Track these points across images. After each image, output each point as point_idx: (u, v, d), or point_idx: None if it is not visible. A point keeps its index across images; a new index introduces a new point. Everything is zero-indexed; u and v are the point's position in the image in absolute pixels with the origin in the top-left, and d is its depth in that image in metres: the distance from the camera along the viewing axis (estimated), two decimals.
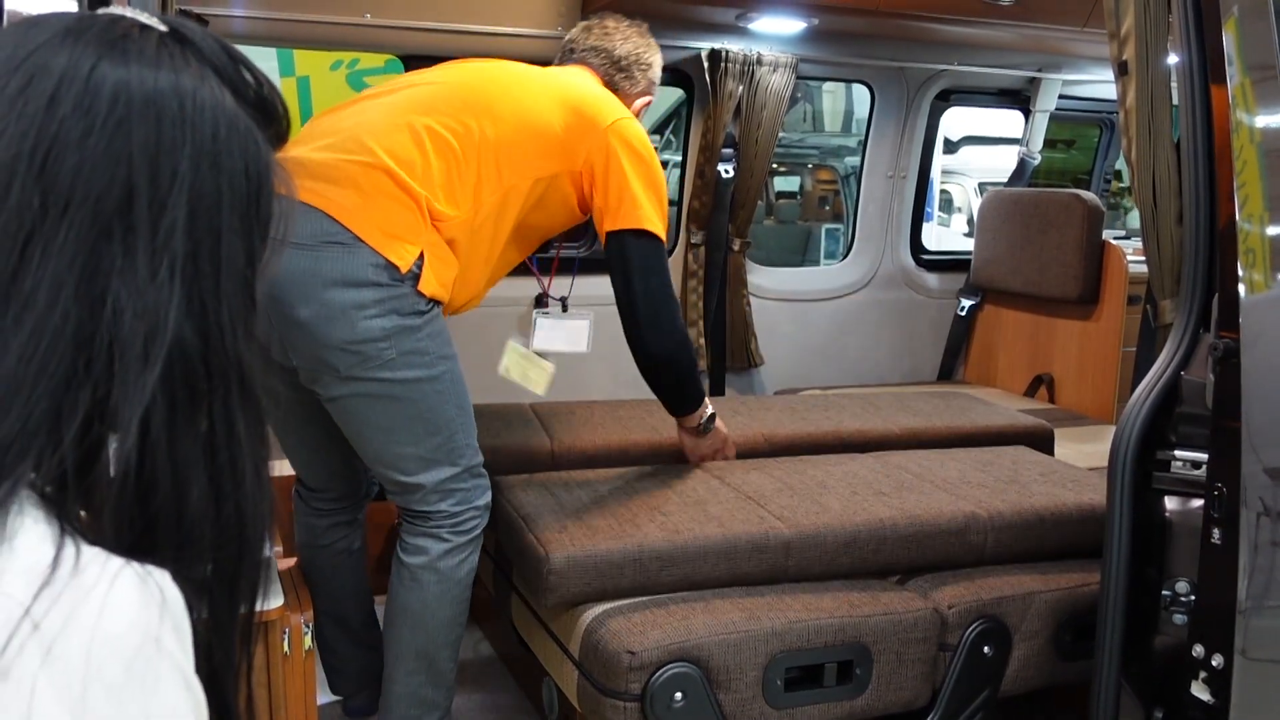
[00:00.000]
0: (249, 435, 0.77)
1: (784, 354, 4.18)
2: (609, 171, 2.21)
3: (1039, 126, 4.28)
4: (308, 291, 2.01)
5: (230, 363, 0.74)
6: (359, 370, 2.06)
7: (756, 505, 2.34)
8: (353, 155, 2.08)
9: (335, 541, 2.51)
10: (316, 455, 2.43)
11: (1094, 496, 2.46)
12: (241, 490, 0.76)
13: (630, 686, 1.96)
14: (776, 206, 13.07)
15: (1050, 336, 4.04)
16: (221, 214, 0.74)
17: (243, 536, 0.77)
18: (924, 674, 2.20)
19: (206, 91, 0.74)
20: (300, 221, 2.00)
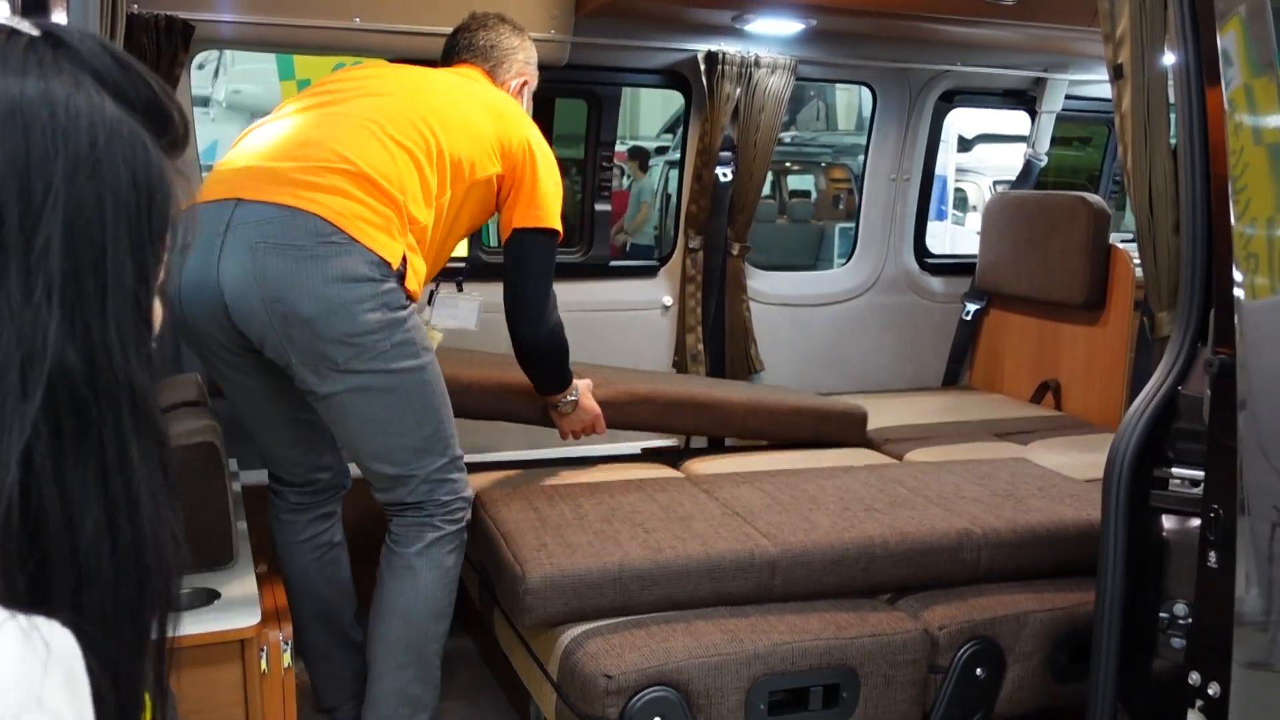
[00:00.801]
0: (144, 460, 0.72)
1: (785, 360, 4.11)
2: (524, 174, 2.40)
3: (1045, 128, 4.19)
4: (310, 288, 2.10)
5: (120, 385, 0.70)
6: (356, 363, 2.15)
7: (743, 521, 2.29)
8: (334, 164, 2.18)
9: (317, 535, 2.52)
10: (294, 449, 2.46)
11: (1094, 512, 2.38)
12: (138, 518, 0.71)
13: (608, 711, 1.91)
14: (790, 206, 13.02)
15: (1056, 342, 3.95)
16: (104, 228, 0.69)
17: (142, 566, 0.72)
18: (913, 697, 2.14)
19: (82, 98, 0.70)
20: (294, 225, 2.12)
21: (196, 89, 11.12)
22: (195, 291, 2.20)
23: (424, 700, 2.33)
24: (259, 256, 2.12)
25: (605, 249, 3.84)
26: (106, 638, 0.70)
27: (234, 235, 2.15)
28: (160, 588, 0.74)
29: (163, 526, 0.73)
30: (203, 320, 2.22)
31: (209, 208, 2.21)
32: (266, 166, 2.22)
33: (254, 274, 2.13)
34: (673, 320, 3.93)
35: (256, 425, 2.45)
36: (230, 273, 2.15)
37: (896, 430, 3.51)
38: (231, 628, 2.12)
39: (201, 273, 2.18)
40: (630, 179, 11.02)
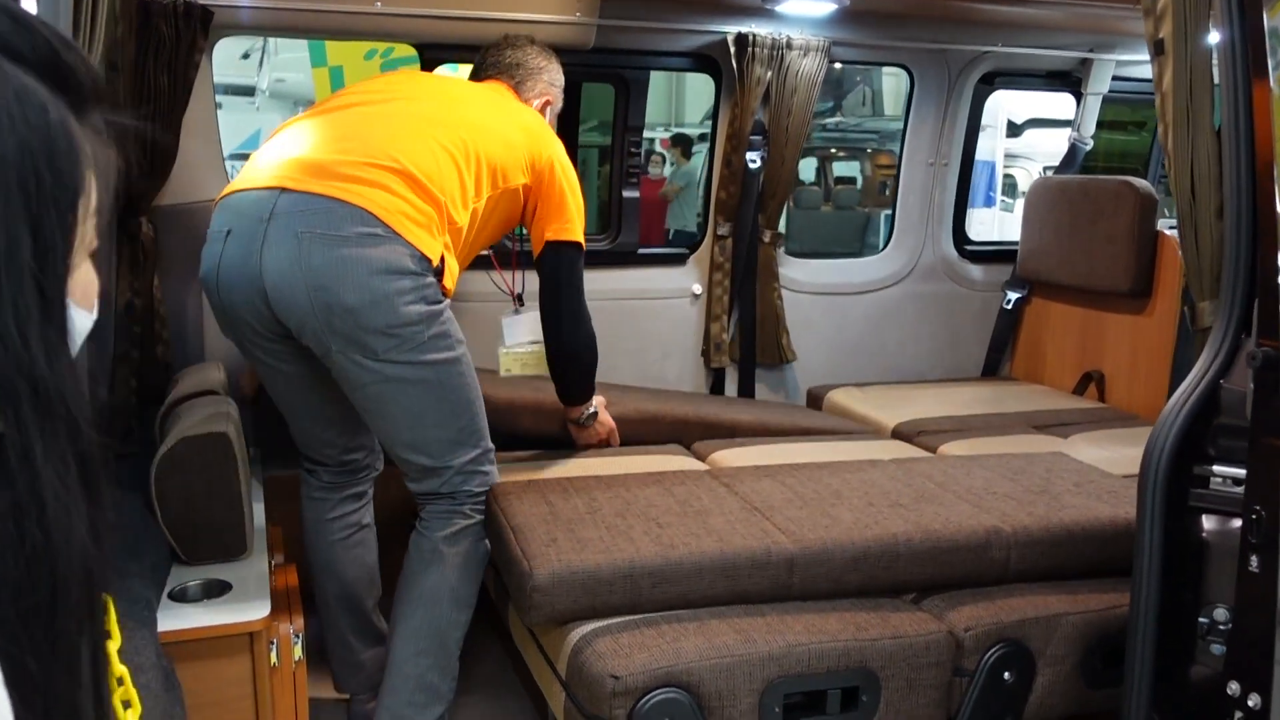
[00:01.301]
0: (49, 456, 0.66)
1: (818, 350, 4.01)
2: (551, 187, 2.49)
3: (1091, 110, 4.04)
4: (355, 279, 2.14)
5: (18, 374, 0.64)
6: (395, 354, 2.19)
7: (762, 517, 2.21)
8: (380, 161, 2.23)
9: (346, 514, 2.58)
10: (328, 432, 2.51)
11: (1131, 510, 2.26)
12: (45, 521, 0.66)
13: (615, 713, 1.85)
14: (835, 193, 12.85)
15: (1101, 332, 3.82)
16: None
17: (54, 572, 0.67)
18: (937, 701, 2.06)
19: None
20: (340, 216, 2.16)
21: (242, 78, 11.21)
22: (235, 278, 2.24)
23: (441, 690, 2.34)
24: (304, 245, 2.16)
25: (634, 236, 3.77)
26: (20, 652, 0.65)
27: (278, 224, 2.19)
28: (79, 598, 0.69)
29: (75, 530, 0.67)
30: (241, 307, 2.27)
31: (250, 196, 2.26)
32: (311, 159, 2.27)
33: (299, 262, 2.16)
34: (702, 309, 3.85)
35: (291, 409, 2.51)
36: (273, 261, 2.18)
37: (931, 422, 3.41)
38: (241, 620, 2.09)
39: (243, 260, 2.22)
40: (673, 166, 10.95)
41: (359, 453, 2.57)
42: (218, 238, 2.28)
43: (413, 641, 2.32)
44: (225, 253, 2.25)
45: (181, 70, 2.92)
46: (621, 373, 3.76)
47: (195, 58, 2.94)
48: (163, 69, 2.88)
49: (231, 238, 2.25)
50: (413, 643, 2.32)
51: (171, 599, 2.14)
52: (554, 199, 2.50)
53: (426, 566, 2.34)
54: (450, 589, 2.34)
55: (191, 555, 2.26)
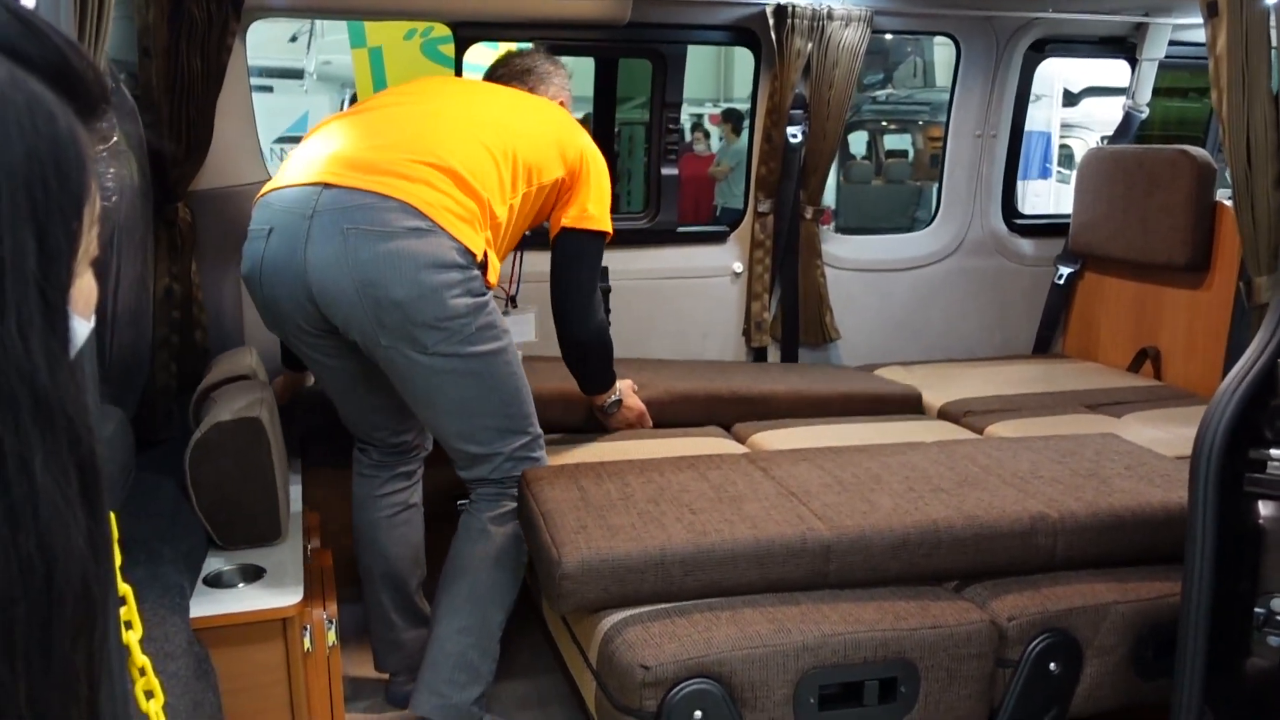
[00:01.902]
0: (49, 466, 0.64)
1: (863, 328, 3.93)
2: (581, 178, 2.51)
3: (1146, 77, 3.89)
4: (402, 273, 2.16)
5: (19, 383, 0.62)
6: (443, 346, 2.21)
7: (798, 503, 2.16)
8: (423, 158, 2.25)
9: (395, 492, 2.62)
10: (375, 417, 2.55)
11: (1184, 494, 2.18)
12: (42, 530, 0.64)
13: (645, 703, 1.82)
14: (886, 166, 12.65)
15: (1157, 306, 3.69)
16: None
17: (50, 585, 0.65)
18: (979, 692, 2.00)
19: None
20: (386, 211, 2.17)
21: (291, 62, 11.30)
22: (279, 276, 2.26)
23: (481, 671, 2.35)
24: (350, 241, 2.17)
25: (673, 214, 3.71)
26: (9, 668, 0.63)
27: (322, 220, 2.20)
28: (76, 613, 0.67)
29: (74, 541, 0.65)
30: (286, 304, 2.28)
31: (291, 193, 2.27)
32: (353, 155, 2.28)
33: (345, 258, 2.17)
34: (743, 287, 3.79)
35: (339, 398, 2.55)
36: (318, 257, 2.20)
37: (979, 402, 3.32)
38: (273, 606, 2.09)
39: (287, 257, 2.24)
40: (722, 142, 10.84)
41: (408, 434, 2.60)
42: (259, 235, 2.29)
43: (455, 618, 2.35)
44: (268, 250, 2.26)
45: (214, 54, 2.91)
46: (661, 353, 3.72)
47: (228, 41, 2.93)
48: (195, 53, 2.87)
49: (274, 235, 2.26)
50: (455, 619, 2.35)
51: (206, 584, 2.14)
52: (581, 188, 2.52)
53: (473, 545, 2.38)
54: (494, 569, 2.37)
55: (226, 540, 2.27)
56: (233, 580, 2.17)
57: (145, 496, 2.32)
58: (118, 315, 2.32)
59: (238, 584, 2.15)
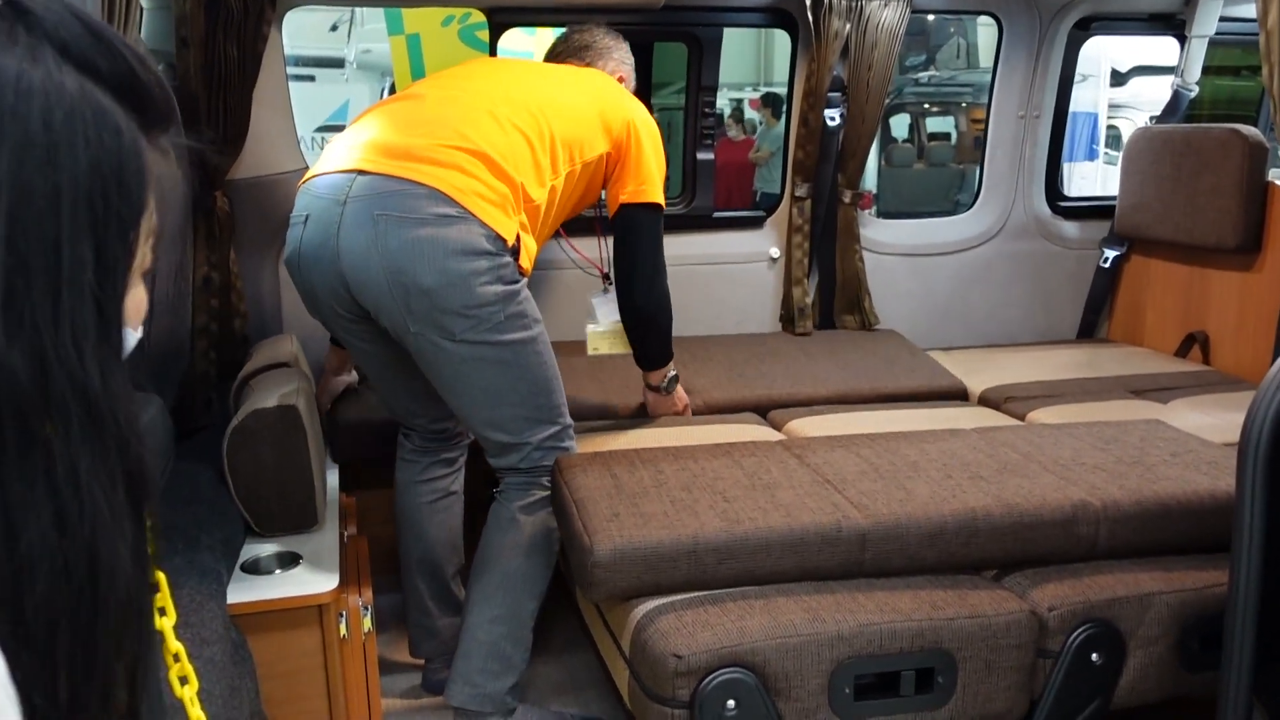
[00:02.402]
0: (95, 474, 0.65)
1: (903, 313, 3.88)
2: (630, 151, 2.50)
3: (1196, 55, 3.79)
4: (432, 261, 2.15)
5: (72, 392, 0.63)
6: (472, 334, 2.21)
7: (833, 490, 2.13)
8: (454, 143, 2.24)
9: (436, 479, 2.63)
10: (414, 404, 2.55)
11: (1232, 481, 2.13)
12: (89, 536, 0.65)
13: (678, 692, 1.81)
14: (928, 149, 12.48)
15: (1205, 290, 3.61)
16: (59, 219, 0.63)
17: (98, 590, 0.66)
18: (1019, 683, 1.96)
19: (39, 74, 0.63)
20: (415, 198, 2.17)
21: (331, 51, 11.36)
22: (314, 262, 2.28)
23: (514, 661, 2.35)
24: (380, 227, 2.17)
25: (709, 200, 3.68)
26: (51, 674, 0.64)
27: (354, 206, 2.21)
28: (120, 619, 0.67)
29: (119, 549, 0.66)
30: (322, 290, 2.30)
31: (327, 180, 2.29)
32: (386, 142, 2.28)
33: (375, 244, 2.18)
34: (780, 273, 3.75)
35: (378, 382, 2.56)
36: (350, 243, 2.21)
37: (1020, 388, 3.26)
38: (310, 592, 2.10)
39: (321, 243, 2.25)
40: (762, 126, 10.76)
41: (447, 421, 2.60)
42: (298, 222, 2.32)
43: (487, 607, 2.35)
44: (305, 237, 2.28)
45: (251, 43, 2.92)
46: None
47: (264, 30, 2.94)
48: (232, 42, 2.89)
49: (310, 222, 2.28)
50: (487, 609, 2.35)
51: (244, 571, 2.16)
52: (631, 161, 2.50)
53: (503, 535, 2.37)
54: (525, 558, 2.36)
55: (264, 527, 2.29)
56: (270, 567, 2.18)
57: (184, 484, 2.35)
58: (156, 304, 2.35)
59: (275, 570, 2.17)
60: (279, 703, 2.08)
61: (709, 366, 3.29)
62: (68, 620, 0.64)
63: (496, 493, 2.43)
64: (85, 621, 0.65)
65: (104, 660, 0.67)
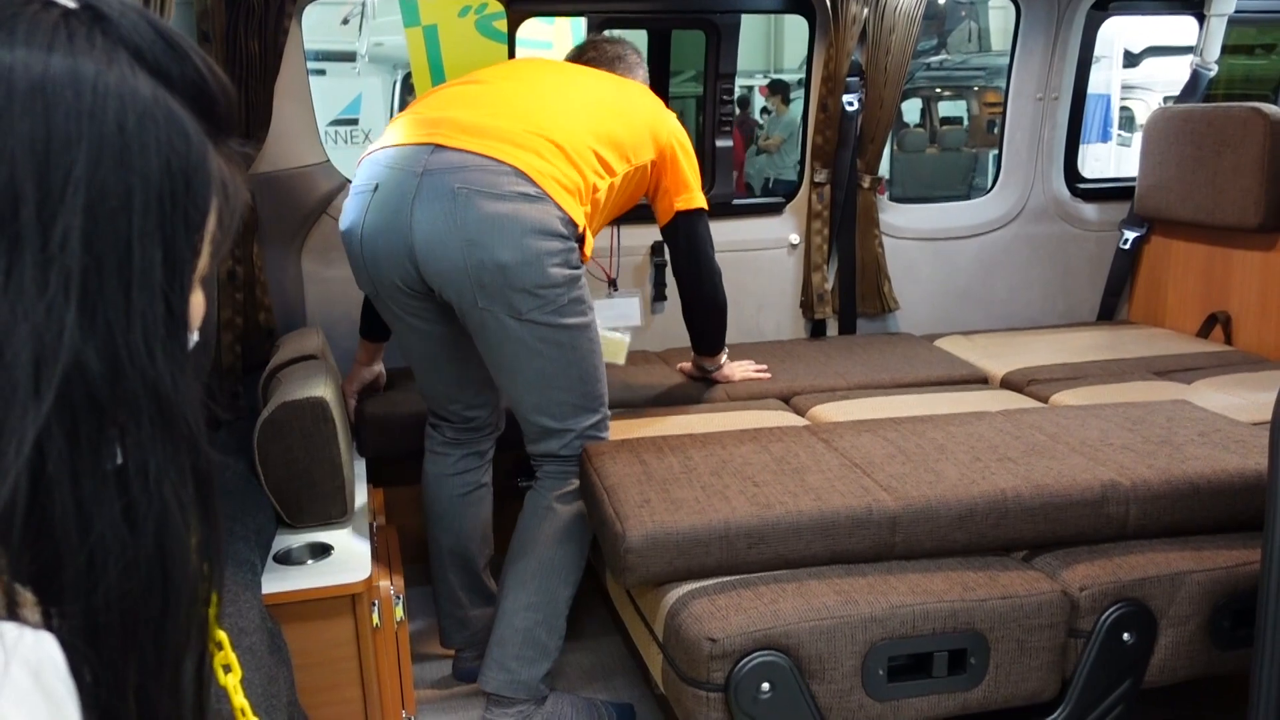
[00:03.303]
0: (165, 470, 0.67)
1: (922, 298, 3.88)
2: (672, 161, 2.58)
3: (1215, 33, 3.77)
4: (510, 237, 2.18)
5: (143, 390, 0.65)
6: (537, 314, 2.23)
7: (862, 474, 2.14)
8: (532, 129, 2.29)
9: (467, 471, 2.63)
10: (452, 388, 2.55)
11: (1262, 460, 2.14)
12: (159, 530, 0.66)
13: (713, 676, 1.82)
14: (940, 133, 12.43)
15: (1227, 270, 3.60)
16: (130, 219, 0.64)
17: (168, 584, 0.67)
18: (1051, 663, 1.97)
19: (114, 76, 0.64)
20: (498, 174, 2.20)
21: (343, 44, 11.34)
22: (381, 231, 2.27)
23: (549, 649, 2.38)
24: (460, 200, 2.18)
25: (729, 186, 3.68)
26: (123, 666, 0.65)
27: (433, 179, 2.21)
28: (189, 614, 0.69)
29: (188, 545, 0.68)
30: (385, 261, 2.29)
31: (401, 151, 2.28)
32: (463, 120, 2.29)
33: (453, 216, 2.18)
34: (799, 259, 3.75)
35: (420, 363, 2.54)
36: (426, 214, 2.21)
37: (1043, 370, 3.26)
38: (342, 581, 2.12)
39: (393, 214, 2.24)
40: (770, 114, 10.75)
41: (482, 410, 2.60)
42: (364, 190, 2.31)
43: (523, 595, 2.37)
44: (373, 206, 2.27)
45: (272, 37, 2.93)
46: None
47: (285, 23, 2.95)
48: (253, 36, 2.90)
49: (380, 192, 2.27)
50: (523, 596, 2.37)
51: (276, 561, 2.18)
52: (678, 171, 2.59)
53: (540, 523, 2.39)
54: (561, 546, 2.38)
55: (295, 518, 2.30)
56: (302, 557, 2.20)
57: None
58: None
59: (307, 561, 2.19)
60: (314, 691, 2.10)
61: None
62: (137, 615, 0.65)
63: (533, 481, 2.45)
64: (154, 617, 0.66)
65: (173, 656, 0.68)
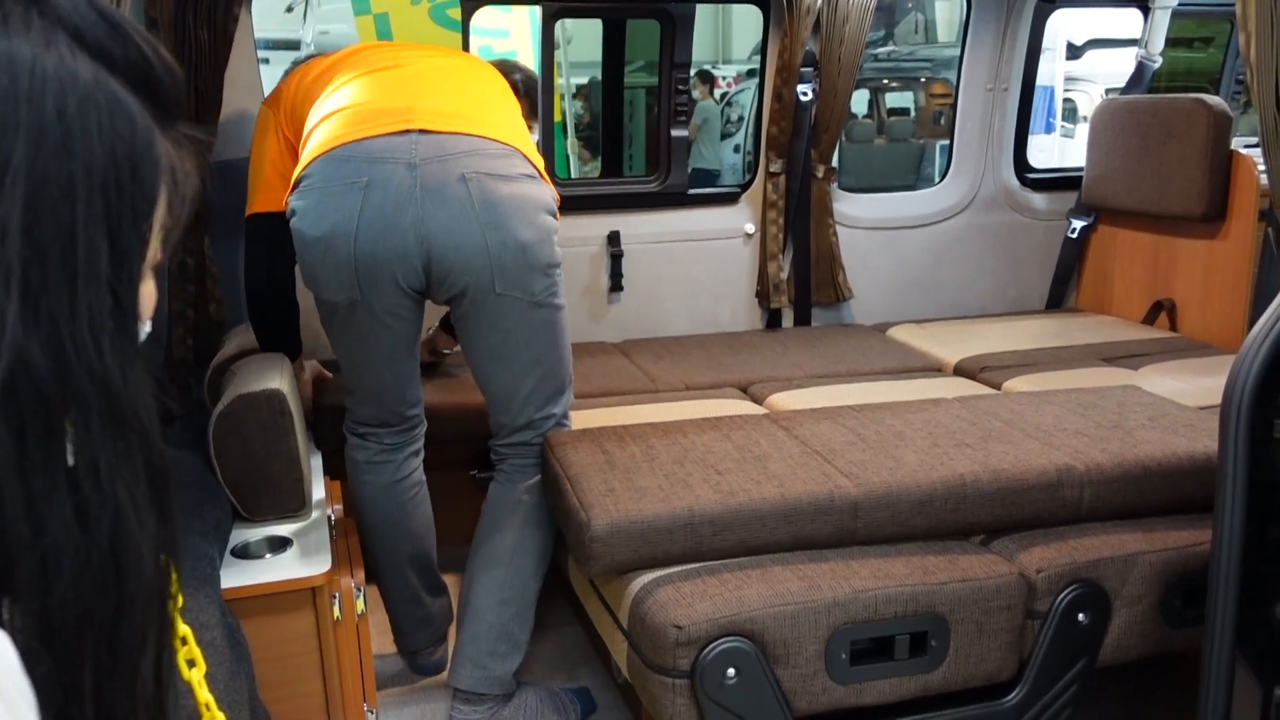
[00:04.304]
0: (117, 468, 0.65)
1: (876, 286, 3.92)
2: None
3: (1159, 25, 3.84)
4: (528, 215, 2.16)
5: (91, 385, 0.63)
6: (546, 294, 2.23)
7: (823, 461, 2.16)
8: (495, 109, 2.28)
9: (410, 474, 2.55)
10: (398, 386, 2.44)
11: (1210, 443, 2.19)
12: (112, 529, 0.64)
13: (679, 662, 1.83)
14: (888, 124, 12.54)
15: (1171, 258, 3.67)
16: (74, 208, 0.62)
17: (123, 584, 0.66)
18: (1009, 644, 2.01)
19: (52, 59, 0.62)
20: (503, 156, 2.17)
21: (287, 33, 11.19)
22: (382, 229, 2.13)
23: (520, 641, 2.37)
24: (472, 185, 2.13)
25: (683, 177, 3.69)
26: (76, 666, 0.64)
27: (433, 168, 2.12)
28: (145, 613, 0.67)
29: (143, 542, 0.66)
30: (385, 259, 2.15)
31: (381, 142, 2.14)
32: (437, 107, 2.21)
33: (469, 202, 2.12)
34: (755, 248, 3.77)
35: (379, 365, 2.37)
36: (439, 206, 2.12)
37: (995, 357, 3.31)
38: (302, 575, 2.10)
39: (394, 208, 2.12)
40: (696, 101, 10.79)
41: (418, 406, 2.55)
42: (350, 190, 2.13)
43: (495, 589, 2.34)
44: (368, 205, 2.12)
45: (221, 24, 2.88)
46: (674, 316, 3.71)
47: (234, 10, 2.90)
48: (202, 24, 2.85)
49: (374, 188, 2.12)
50: (496, 591, 2.34)
51: (234, 556, 2.15)
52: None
53: (510, 516, 2.36)
54: (533, 540, 2.36)
55: (252, 512, 2.27)
56: (260, 551, 2.17)
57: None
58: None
59: (265, 555, 2.16)
60: (275, 686, 2.08)
61: (686, 360, 3.31)
62: (92, 614, 0.64)
63: (491, 473, 2.41)
64: (109, 616, 0.65)
65: (128, 655, 0.67)
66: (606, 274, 3.62)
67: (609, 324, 3.63)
